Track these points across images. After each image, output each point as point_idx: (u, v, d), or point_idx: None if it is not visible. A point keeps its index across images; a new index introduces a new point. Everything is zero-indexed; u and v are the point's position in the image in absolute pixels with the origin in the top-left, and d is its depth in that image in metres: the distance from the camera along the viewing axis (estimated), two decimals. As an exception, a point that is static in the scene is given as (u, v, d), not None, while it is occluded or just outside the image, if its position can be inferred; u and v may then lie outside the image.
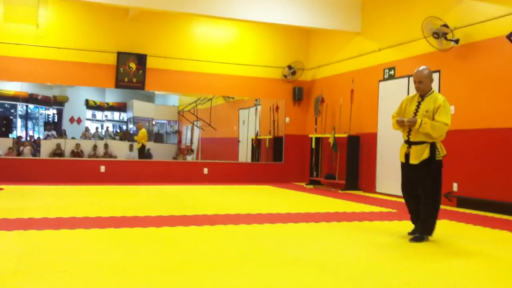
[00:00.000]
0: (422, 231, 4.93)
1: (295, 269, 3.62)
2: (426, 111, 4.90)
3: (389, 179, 9.66)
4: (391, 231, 5.46)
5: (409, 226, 5.62)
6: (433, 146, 4.90)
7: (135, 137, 13.50)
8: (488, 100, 7.44)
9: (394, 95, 9.60)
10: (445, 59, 8.27)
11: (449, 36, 8.02)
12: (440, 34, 8.06)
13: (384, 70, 9.92)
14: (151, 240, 4.59)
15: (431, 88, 5.05)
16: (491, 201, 7.25)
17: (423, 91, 5.01)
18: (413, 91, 9.01)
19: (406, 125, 4.99)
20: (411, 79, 9.11)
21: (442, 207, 5.50)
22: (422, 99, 5.02)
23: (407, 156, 5.06)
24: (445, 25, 8.03)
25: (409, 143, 5.04)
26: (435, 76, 8.10)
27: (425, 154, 4.89)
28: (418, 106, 5.01)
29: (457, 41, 7.95)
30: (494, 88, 7.41)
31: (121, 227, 5.13)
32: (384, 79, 9.91)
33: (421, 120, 4.84)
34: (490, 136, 7.40)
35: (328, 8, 10.49)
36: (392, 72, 9.70)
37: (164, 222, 5.61)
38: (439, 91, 7.89)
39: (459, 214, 6.92)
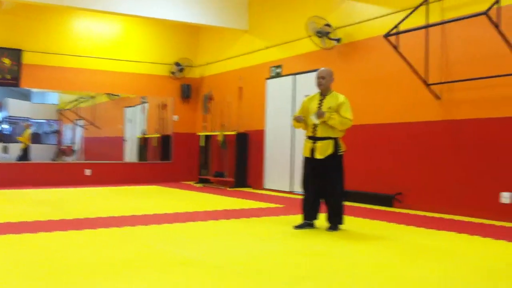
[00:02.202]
0: (335, 221, 5.20)
1: (184, 270, 3.45)
2: (329, 108, 5.11)
3: (276, 175, 9.80)
4: (278, 226, 5.47)
5: (295, 220, 5.69)
6: (336, 142, 5.15)
7: (20, 138, 12.53)
8: (367, 97, 7.77)
9: (280, 93, 9.76)
10: (328, 58, 8.52)
11: (331, 35, 8.27)
12: (323, 33, 8.30)
13: (271, 68, 10.04)
14: (27, 247, 4.17)
15: (331, 88, 5.28)
16: (369, 193, 7.58)
17: (325, 87, 5.22)
18: (299, 89, 9.28)
19: (313, 115, 5.13)
20: (298, 77, 9.34)
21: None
22: (324, 97, 5.22)
23: (312, 151, 5.19)
24: (328, 25, 8.27)
25: (314, 138, 5.19)
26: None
27: (330, 150, 5.12)
28: (320, 104, 5.19)
29: (339, 40, 8.23)
30: (372, 86, 7.76)
31: (-13, 235, 4.62)
32: (271, 77, 10.03)
33: (330, 114, 5.06)
34: (369, 131, 7.74)
35: (216, 5, 10.41)
36: (278, 70, 9.84)
37: (41, 227, 5.16)
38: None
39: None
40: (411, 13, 6.66)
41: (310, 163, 5.28)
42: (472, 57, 6.39)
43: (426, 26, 6.64)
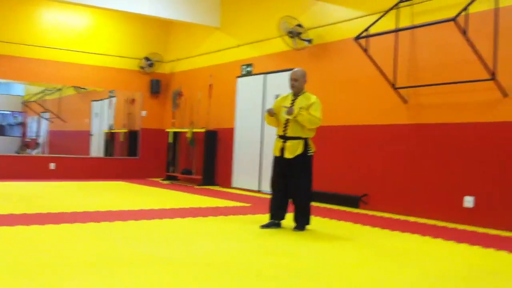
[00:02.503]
0: (302, 221, 5.23)
1: (145, 268, 3.40)
2: (300, 108, 5.16)
3: (245, 174, 9.78)
4: (245, 225, 5.46)
5: (262, 219, 5.69)
6: (306, 142, 5.19)
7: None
8: (337, 99, 7.83)
9: (251, 92, 9.75)
10: (299, 58, 8.55)
11: (303, 36, 8.30)
12: (295, 33, 8.32)
13: (241, 66, 10.01)
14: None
15: (304, 88, 5.35)
16: (336, 194, 7.64)
17: (297, 89, 5.30)
18: (269, 88, 9.29)
19: (284, 111, 5.18)
20: (268, 76, 9.34)
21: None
22: (296, 98, 5.28)
23: (282, 150, 5.22)
24: (300, 25, 8.30)
25: (284, 138, 5.22)
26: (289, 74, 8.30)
27: (299, 150, 5.16)
28: (292, 103, 5.26)
29: (310, 41, 8.26)
30: (342, 88, 7.82)
31: None
32: (242, 75, 10.00)
33: (298, 110, 5.12)
34: (338, 133, 7.80)
35: (188, 1, 10.32)
36: (249, 69, 9.82)
37: (2, 221, 5.02)
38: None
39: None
40: (381, 16, 6.73)
41: (280, 162, 5.29)
42: (440, 63, 6.50)
43: (396, 30, 6.72)
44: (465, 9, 5.46)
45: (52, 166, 11.13)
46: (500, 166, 5.83)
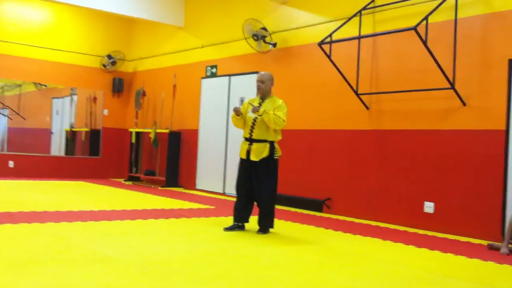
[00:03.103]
0: (266, 224, 5.29)
1: (103, 268, 3.38)
2: (265, 111, 5.21)
3: (209, 176, 9.77)
4: (208, 227, 5.48)
5: (226, 221, 5.71)
6: (272, 145, 5.25)
7: None
8: (301, 103, 7.92)
9: (215, 93, 9.74)
10: (263, 61, 8.61)
11: (267, 39, 8.36)
12: (259, 36, 8.37)
13: (206, 67, 10.00)
14: None
15: (271, 92, 5.43)
16: (300, 197, 7.73)
17: (264, 91, 5.37)
18: (234, 90, 9.31)
19: (250, 109, 5.27)
20: (233, 78, 9.36)
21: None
22: (263, 101, 5.35)
23: (248, 153, 5.26)
24: (264, 28, 8.36)
25: (250, 140, 5.27)
26: (254, 76, 8.36)
27: (265, 153, 5.21)
28: (259, 106, 5.31)
29: (274, 45, 8.32)
30: (306, 92, 7.91)
31: None
32: (206, 77, 9.99)
33: (264, 109, 5.19)
34: (302, 137, 7.89)
35: (152, -1, 10.25)
36: (214, 70, 9.82)
37: (-46, 223, 4.89)
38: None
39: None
40: (344, 23, 6.85)
41: (245, 165, 5.34)
42: (401, 70, 6.67)
43: (358, 37, 6.85)
44: (425, 18, 5.62)
45: (11, 164, 10.85)
46: (459, 172, 6.02)
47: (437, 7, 5.75)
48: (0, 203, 6.43)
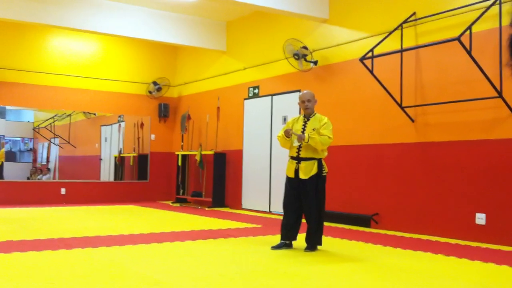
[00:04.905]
0: (314, 241, 5.26)
1: (157, 292, 3.44)
2: (313, 129, 5.24)
3: (254, 195, 9.81)
4: (256, 246, 5.48)
5: (273, 240, 5.70)
6: (320, 163, 5.25)
7: (-5, 156, 12.35)
8: (344, 119, 7.88)
9: (258, 113, 9.83)
10: (305, 80, 8.64)
11: (308, 58, 8.40)
12: (300, 55, 8.42)
13: (248, 88, 10.12)
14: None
15: (314, 110, 5.43)
16: (346, 213, 7.65)
17: (311, 110, 5.37)
18: (276, 109, 9.37)
19: (295, 139, 5.22)
20: (275, 97, 9.43)
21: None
22: (308, 119, 5.35)
23: (296, 171, 5.26)
24: (305, 47, 8.41)
25: (298, 159, 5.26)
26: (296, 95, 8.40)
27: (314, 170, 5.21)
28: (304, 125, 5.33)
29: (315, 63, 8.35)
30: (349, 108, 7.88)
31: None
32: (249, 97, 10.10)
33: (308, 135, 5.16)
34: (347, 153, 7.84)
35: (195, 26, 10.50)
36: (256, 91, 9.92)
37: (14, 247, 5.07)
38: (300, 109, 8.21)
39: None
40: (385, 37, 6.82)
41: (293, 184, 5.32)
42: (445, 81, 6.56)
43: (400, 51, 6.80)
44: (469, 28, 5.53)
45: (63, 191, 11.21)
46: (510, 182, 5.83)
47: (480, 15, 5.66)
48: (54, 230, 6.65)
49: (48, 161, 13.89)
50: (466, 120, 6.31)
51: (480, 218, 6.07)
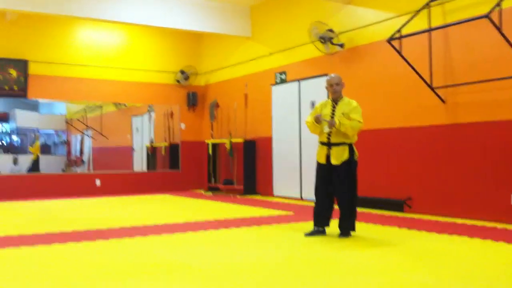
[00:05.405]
0: (348, 227, 5.26)
1: (187, 278, 3.51)
2: (343, 113, 5.20)
3: (285, 182, 9.83)
4: (289, 233, 5.53)
5: (305, 227, 5.74)
6: (351, 148, 5.24)
7: (31, 148, 12.70)
8: (372, 102, 7.81)
9: (286, 99, 9.81)
10: (332, 63, 8.58)
11: (334, 41, 8.32)
12: (326, 38, 8.35)
13: (275, 74, 10.10)
14: (40, 259, 4.24)
15: (342, 94, 5.38)
16: (379, 198, 7.61)
17: (339, 94, 5.31)
18: (304, 94, 9.33)
19: (326, 125, 5.19)
20: (302, 82, 9.39)
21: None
22: (336, 104, 5.30)
23: (327, 157, 5.25)
24: (331, 30, 8.33)
25: (328, 144, 5.24)
26: (323, 79, 8.33)
27: (345, 155, 5.20)
28: (333, 110, 5.28)
29: (342, 45, 8.27)
30: (377, 90, 7.80)
31: (4, 247, 4.70)
32: (276, 83, 10.08)
33: (339, 120, 5.13)
34: (376, 136, 7.77)
35: (218, 12, 10.50)
36: (283, 76, 9.89)
37: (54, 239, 5.24)
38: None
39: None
40: (413, 17, 6.70)
41: (324, 169, 5.31)
42: (476, 60, 6.42)
43: (428, 30, 6.68)
44: (498, 4, 5.39)
45: (98, 182, 11.46)
46: (546, 161, 5.71)
47: (510, -9, 5.51)
48: (91, 221, 6.83)
49: (82, 153, 14.19)
50: (499, 99, 6.18)
51: (516, 199, 5.97)
